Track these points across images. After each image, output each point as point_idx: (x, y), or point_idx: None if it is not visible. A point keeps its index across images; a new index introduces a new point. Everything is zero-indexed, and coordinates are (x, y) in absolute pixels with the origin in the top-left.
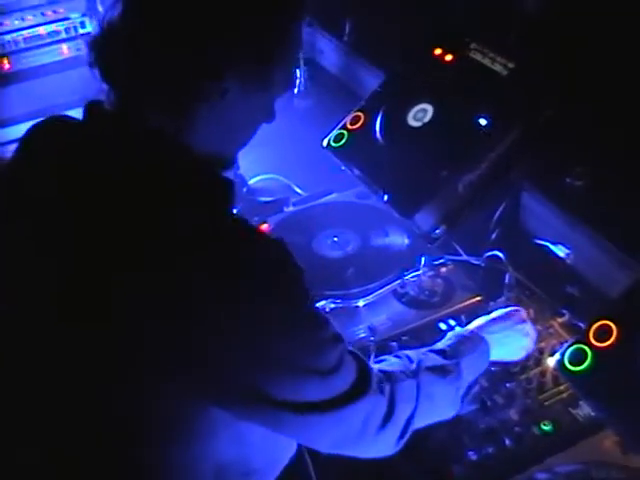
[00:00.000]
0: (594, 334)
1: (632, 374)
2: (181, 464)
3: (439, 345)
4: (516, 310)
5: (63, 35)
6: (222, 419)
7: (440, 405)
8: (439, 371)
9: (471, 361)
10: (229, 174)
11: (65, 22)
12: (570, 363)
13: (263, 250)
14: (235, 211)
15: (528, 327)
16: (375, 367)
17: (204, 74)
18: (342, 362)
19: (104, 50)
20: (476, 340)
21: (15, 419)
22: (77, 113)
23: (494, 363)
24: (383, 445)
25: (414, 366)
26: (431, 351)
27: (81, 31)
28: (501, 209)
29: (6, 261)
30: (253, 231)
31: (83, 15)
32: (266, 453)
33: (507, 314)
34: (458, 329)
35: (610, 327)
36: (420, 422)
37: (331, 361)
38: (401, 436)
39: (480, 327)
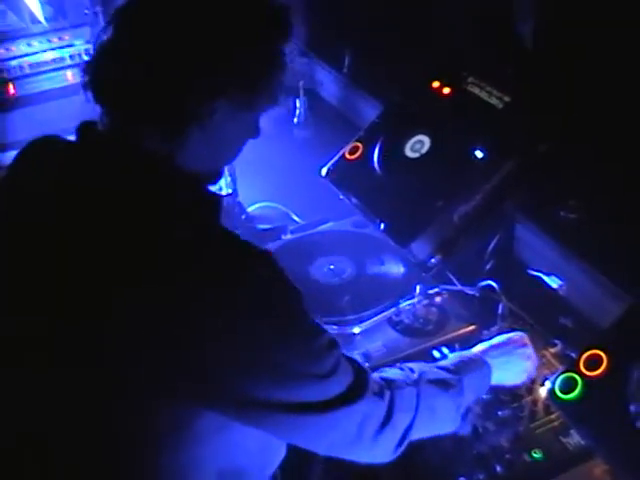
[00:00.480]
0: (584, 363)
1: (621, 403)
2: (176, 469)
3: (442, 362)
4: (518, 334)
5: (68, 62)
6: (217, 424)
7: (440, 418)
8: (441, 384)
9: (473, 381)
10: (227, 199)
11: (70, 49)
12: (561, 391)
13: (259, 261)
14: None
15: (529, 351)
16: (376, 375)
17: (193, 97)
18: (338, 366)
19: (95, 72)
20: (479, 362)
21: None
22: None
23: (490, 388)
24: (380, 450)
25: (416, 376)
26: (434, 366)
27: (85, 58)
28: (495, 240)
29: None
30: (247, 243)
31: (87, 42)
32: (258, 457)
33: (509, 339)
34: (461, 352)
35: (600, 356)
36: (419, 433)
37: (327, 366)
38: (399, 444)
39: (483, 352)
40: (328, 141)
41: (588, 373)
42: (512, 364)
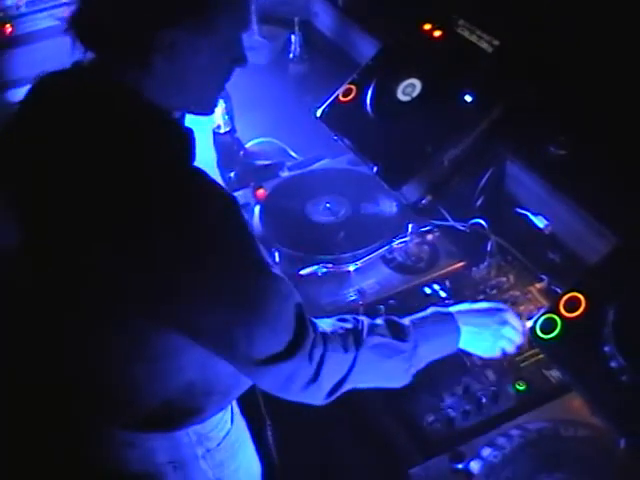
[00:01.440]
0: (564, 305)
1: (597, 343)
2: (146, 381)
3: (407, 320)
4: (504, 309)
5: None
6: (184, 343)
7: (380, 379)
8: (385, 350)
9: (434, 343)
10: (226, 137)
11: None
12: (541, 331)
13: (213, 201)
14: (232, 174)
15: (509, 331)
16: (321, 325)
17: (146, 29)
18: (281, 315)
19: (71, 16)
20: (450, 323)
21: None
22: None
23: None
24: (309, 399)
25: (361, 338)
26: (392, 325)
27: None
28: (486, 177)
29: None
30: (206, 183)
31: None
32: (227, 377)
33: (491, 311)
34: (437, 308)
35: (579, 299)
36: (355, 385)
37: (271, 310)
38: (328, 396)
39: (460, 312)
40: (324, 75)
41: (567, 314)
42: (483, 336)
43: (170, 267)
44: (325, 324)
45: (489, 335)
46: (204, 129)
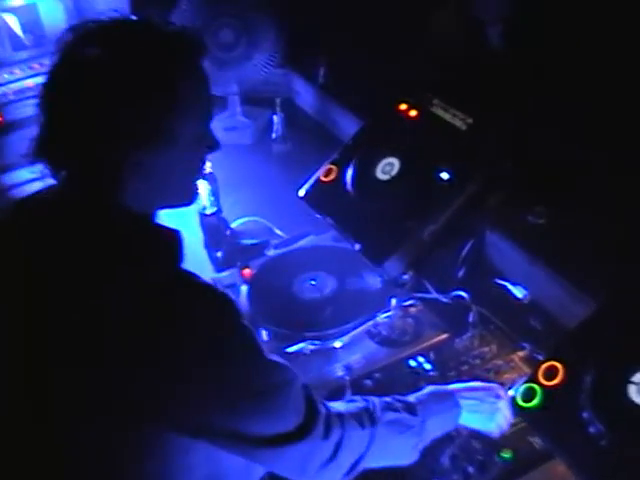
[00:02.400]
0: (543, 373)
1: (575, 410)
2: (163, 475)
3: (412, 398)
4: (494, 386)
5: None
6: (192, 441)
7: (393, 456)
8: (399, 426)
9: (439, 419)
10: (212, 218)
11: None
12: (522, 400)
13: (209, 304)
14: (219, 254)
15: (503, 405)
16: (334, 406)
17: (108, 152)
18: (287, 405)
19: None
20: (450, 400)
21: None
22: None
23: None
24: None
25: (375, 415)
26: (400, 401)
27: None
28: (467, 249)
29: None
30: (198, 285)
31: None
32: (239, 469)
33: (485, 387)
34: (437, 387)
35: (556, 367)
36: (370, 465)
37: (274, 404)
38: (348, 473)
39: (458, 389)
40: (307, 153)
41: (546, 383)
42: (481, 409)
43: (176, 375)
44: (337, 404)
45: (488, 409)
46: (191, 211)
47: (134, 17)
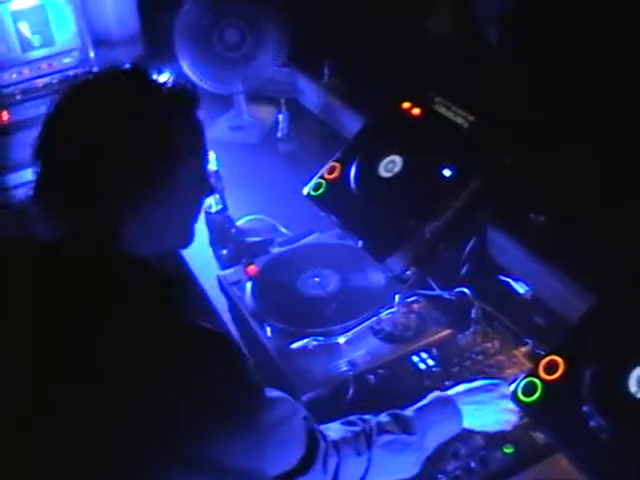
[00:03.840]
0: (543, 368)
1: (576, 404)
2: None
3: (411, 411)
4: (500, 384)
5: (57, 87)
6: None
7: (392, 473)
8: (396, 446)
9: (439, 430)
10: (217, 216)
11: (58, 75)
12: (523, 394)
13: (210, 352)
14: (225, 251)
15: (507, 403)
16: (330, 434)
17: (109, 210)
18: (289, 440)
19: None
20: (450, 407)
21: None
22: None
23: None
24: None
25: (372, 439)
26: (397, 418)
27: None
28: (469, 246)
29: None
30: (198, 332)
31: (75, 67)
32: None
33: (489, 386)
34: (437, 394)
35: (557, 362)
36: None
37: (280, 437)
38: None
39: (458, 395)
40: (312, 151)
41: (547, 377)
42: (484, 412)
43: (181, 423)
44: (333, 431)
45: (491, 411)
46: None
47: (128, 67)
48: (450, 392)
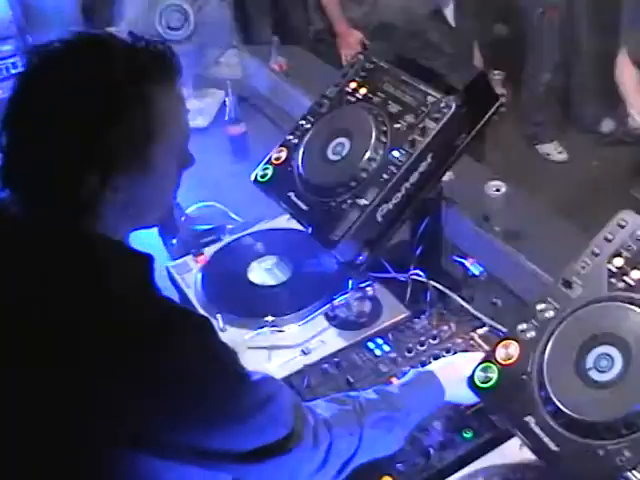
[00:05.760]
0: (499, 353)
1: (533, 388)
2: None
3: (396, 387)
4: (478, 354)
5: None
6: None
7: (380, 451)
8: (386, 423)
9: (423, 404)
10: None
11: None
12: (479, 380)
13: (186, 326)
14: (174, 241)
15: None
16: (320, 411)
17: (82, 178)
18: (270, 420)
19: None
20: (434, 382)
21: None
22: None
23: None
24: None
25: (362, 418)
26: (385, 394)
27: (13, 71)
28: (423, 226)
29: None
30: (173, 308)
31: (13, 55)
32: None
33: (468, 359)
34: (418, 370)
35: (513, 345)
36: (360, 461)
37: (256, 422)
38: (337, 475)
39: (440, 368)
40: (262, 135)
41: (503, 362)
42: (465, 385)
43: (155, 397)
44: (323, 408)
45: None
46: None
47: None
48: (431, 367)
